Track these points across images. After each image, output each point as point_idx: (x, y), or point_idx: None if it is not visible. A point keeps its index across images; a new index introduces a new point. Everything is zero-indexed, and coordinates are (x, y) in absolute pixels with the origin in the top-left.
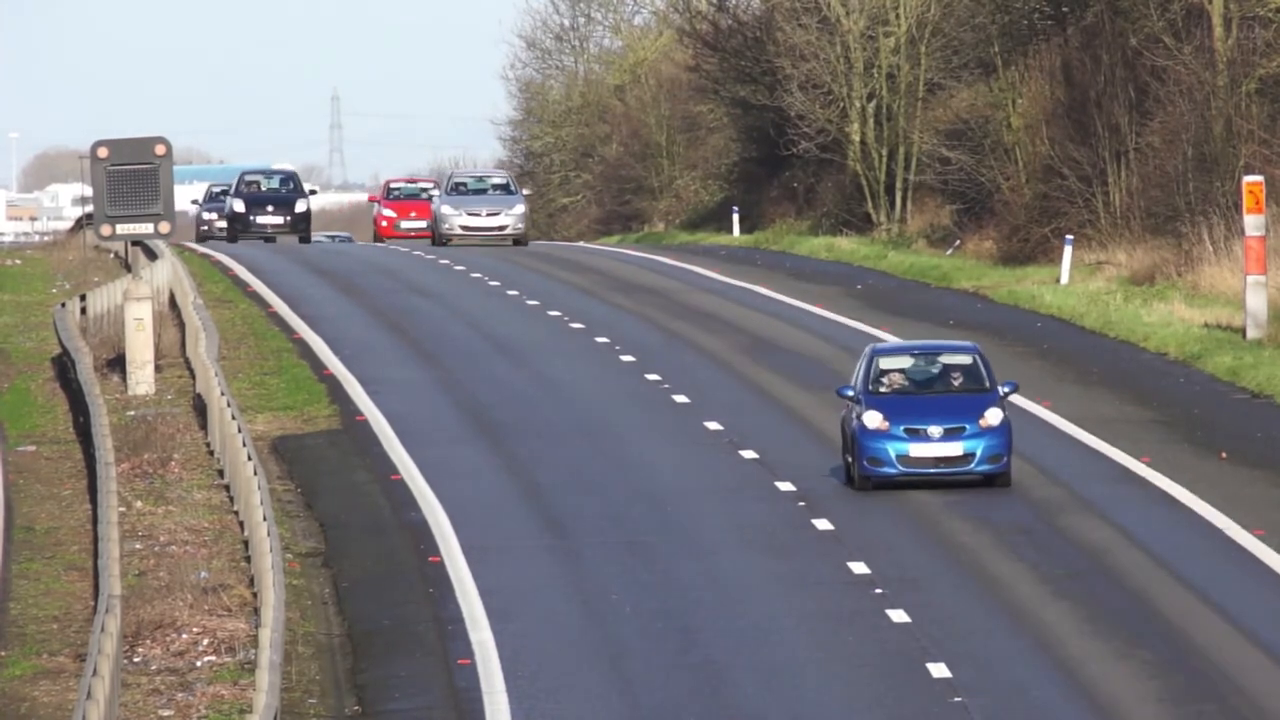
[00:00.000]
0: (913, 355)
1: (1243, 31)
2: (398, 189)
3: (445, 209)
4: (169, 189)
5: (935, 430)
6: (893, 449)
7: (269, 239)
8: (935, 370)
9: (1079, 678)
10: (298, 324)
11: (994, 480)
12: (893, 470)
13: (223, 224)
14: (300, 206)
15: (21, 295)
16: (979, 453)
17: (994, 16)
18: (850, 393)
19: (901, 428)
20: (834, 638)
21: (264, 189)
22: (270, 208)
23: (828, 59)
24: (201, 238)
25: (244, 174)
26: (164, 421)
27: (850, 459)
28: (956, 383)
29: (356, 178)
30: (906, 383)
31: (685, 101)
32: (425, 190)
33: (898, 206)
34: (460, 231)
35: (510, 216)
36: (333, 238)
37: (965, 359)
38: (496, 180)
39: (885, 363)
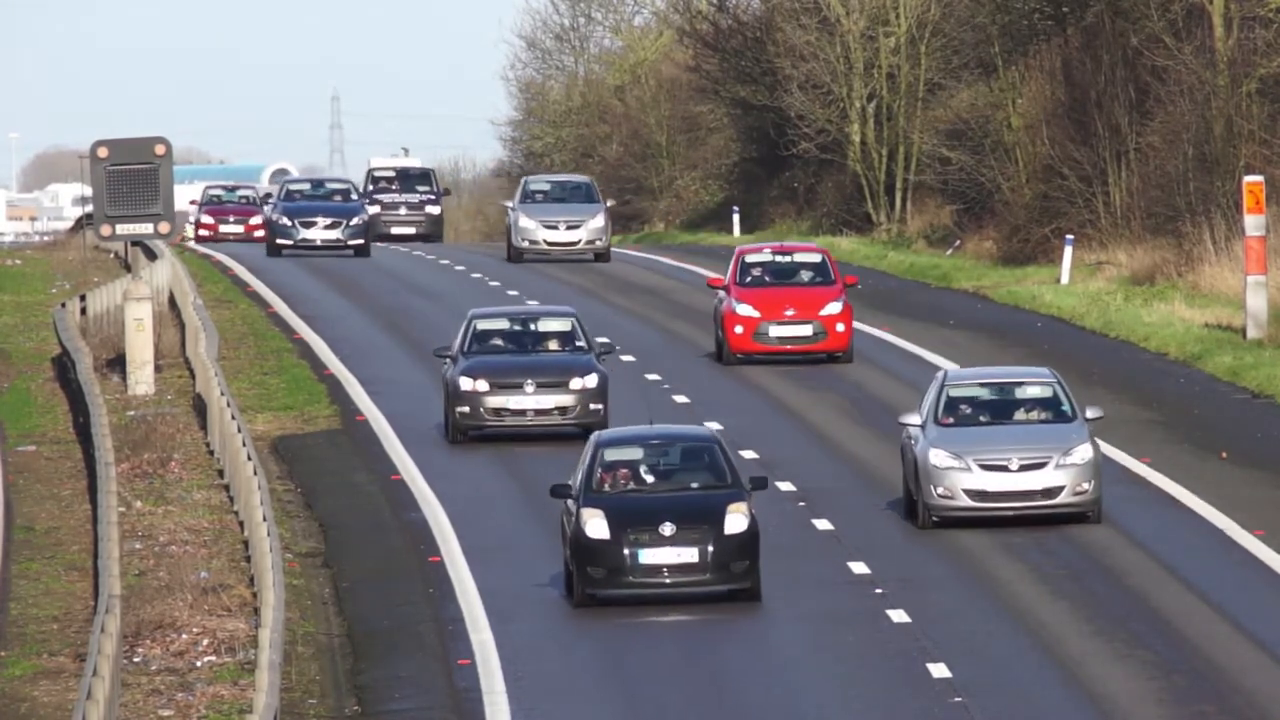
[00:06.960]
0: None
1: (1243, 31)
2: (759, 264)
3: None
4: (169, 189)
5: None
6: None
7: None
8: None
9: (1079, 678)
10: (298, 324)
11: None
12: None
13: None
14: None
15: (21, 295)
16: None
17: (994, 16)
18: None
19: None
20: (834, 638)
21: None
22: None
23: (828, 59)
24: None
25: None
26: (164, 421)
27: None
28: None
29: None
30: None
31: (685, 101)
32: (810, 268)
33: (898, 206)
34: None
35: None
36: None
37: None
38: (1037, 390)
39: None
